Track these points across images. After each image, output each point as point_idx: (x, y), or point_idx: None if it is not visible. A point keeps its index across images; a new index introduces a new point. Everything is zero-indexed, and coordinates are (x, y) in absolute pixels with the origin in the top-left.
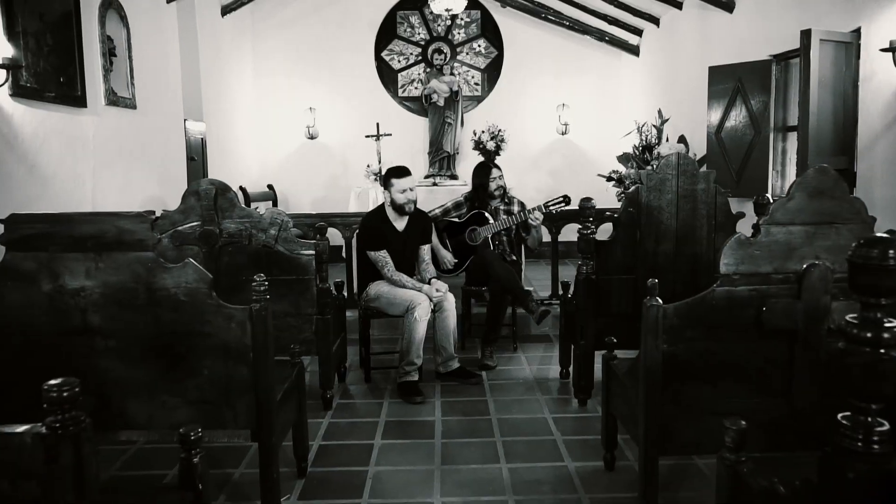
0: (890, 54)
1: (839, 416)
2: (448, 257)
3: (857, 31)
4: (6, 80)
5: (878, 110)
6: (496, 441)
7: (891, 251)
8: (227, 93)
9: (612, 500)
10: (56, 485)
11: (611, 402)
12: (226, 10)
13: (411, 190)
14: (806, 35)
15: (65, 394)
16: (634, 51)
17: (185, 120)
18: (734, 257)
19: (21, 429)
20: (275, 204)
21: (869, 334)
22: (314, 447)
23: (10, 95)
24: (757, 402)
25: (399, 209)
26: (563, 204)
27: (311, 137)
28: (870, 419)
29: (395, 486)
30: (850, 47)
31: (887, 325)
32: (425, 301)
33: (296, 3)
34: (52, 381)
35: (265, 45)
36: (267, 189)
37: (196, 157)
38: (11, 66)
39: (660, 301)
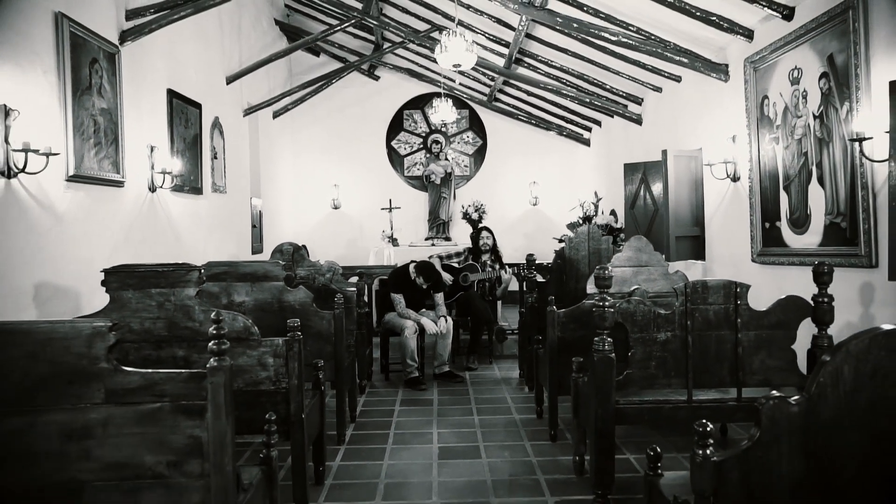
0: (710, 167)
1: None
2: (447, 277)
3: (701, 149)
4: (172, 183)
5: (713, 199)
6: (472, 406)
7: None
8: (274, 174)
9: (537, 430)
10: (290, 362)
11: (538, 373)
12: (276, 115)
13: (425, 283)
14: (664, 153)
15: (295, 323)
16: (586, 142)
17: (251, 198)
18: (593, 284)
19: (278, 338)
20: None
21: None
22: (357, 411)
23: (170, 191)
24: None
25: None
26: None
27: (336, 208)
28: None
29: (409, 426)
30: (696, 159)
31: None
32: (412, 325)
33: (325, 104)
34: (290, 320)
35: (302, 136)
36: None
37: (256, 224)
38: (176, 175)
39: (555, 308)
